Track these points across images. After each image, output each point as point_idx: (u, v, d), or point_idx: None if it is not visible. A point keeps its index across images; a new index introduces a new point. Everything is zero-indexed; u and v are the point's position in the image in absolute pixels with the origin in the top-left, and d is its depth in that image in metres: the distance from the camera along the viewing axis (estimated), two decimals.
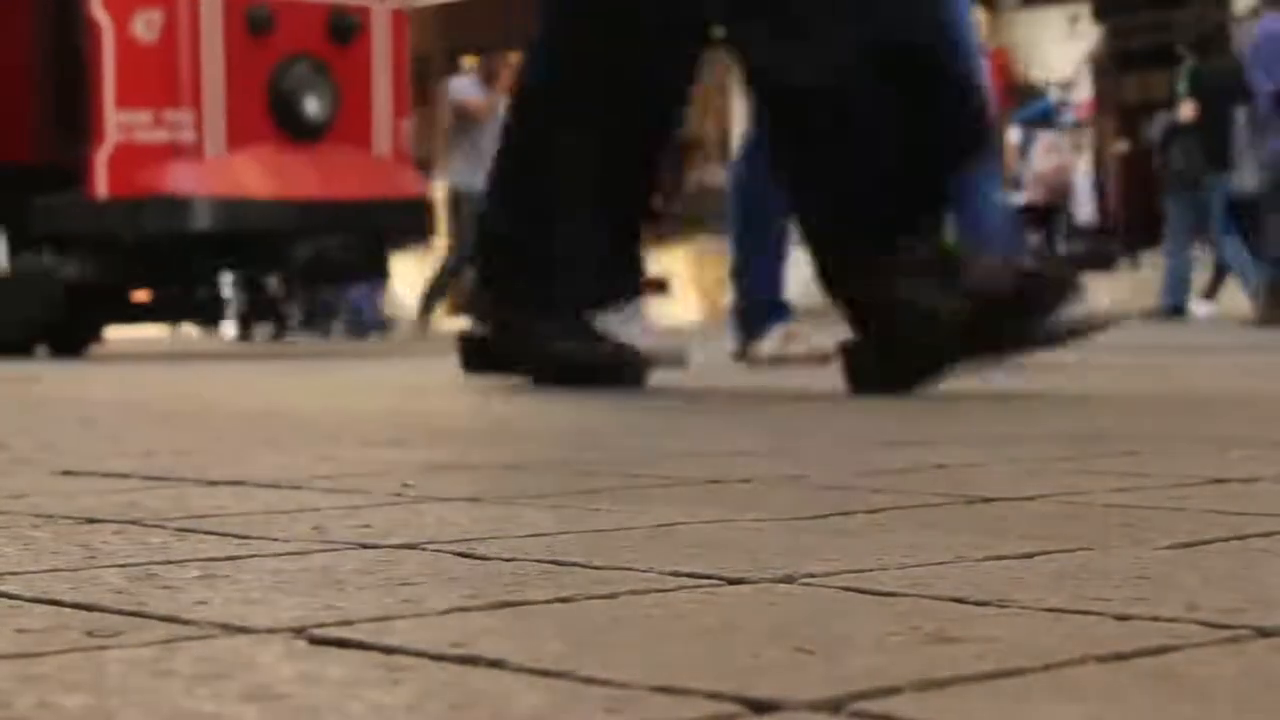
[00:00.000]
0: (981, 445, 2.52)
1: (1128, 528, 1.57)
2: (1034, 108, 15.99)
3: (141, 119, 8.97)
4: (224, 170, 8.88)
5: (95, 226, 9.05)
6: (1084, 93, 15.41)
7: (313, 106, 9.04)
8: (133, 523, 1.68)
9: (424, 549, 1.47)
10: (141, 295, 10.07)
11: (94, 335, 10.21)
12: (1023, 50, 15.31)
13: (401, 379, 5.65)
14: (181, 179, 8.87)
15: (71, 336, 9.90)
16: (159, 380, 5.83)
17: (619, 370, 4.27)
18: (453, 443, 2.72)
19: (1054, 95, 15.74)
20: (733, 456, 2.39)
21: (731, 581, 1.27)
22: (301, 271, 9.40)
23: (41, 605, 1.20)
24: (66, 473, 2.23)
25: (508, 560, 1.39)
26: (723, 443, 2.63)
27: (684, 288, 21.54)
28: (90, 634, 1.09)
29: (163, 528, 1.64)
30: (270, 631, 1.09)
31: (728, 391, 4.40)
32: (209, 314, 10.90)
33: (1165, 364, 5.62)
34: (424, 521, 1.67)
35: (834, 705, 0.87)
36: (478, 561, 1.39)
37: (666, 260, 22.31)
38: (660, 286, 22.46)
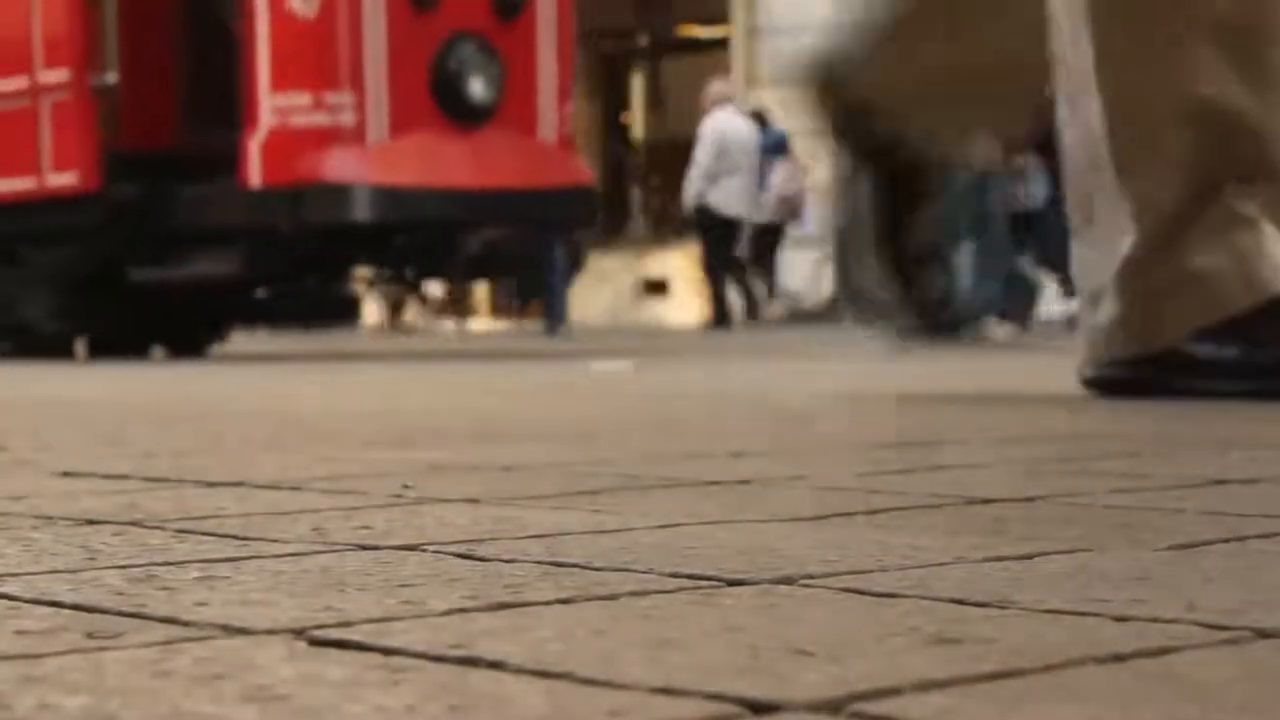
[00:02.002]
0: (981, 446, 2.52)
1: (1127, 529, 1.57)
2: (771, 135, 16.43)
3: (299, 102, 8.25)
4: (387, 157, 8.18)
5: (248, 218, 8.29)
6: None
7: (478, 88, 8.32)
8: (133, 524, 1.68)
9: (424, 550, 1.47)
10: (265, 292, 9.32)
11: (218, 336, 9.55)
12: None
13: (402, 379, 5.65)
14: (342, 166, 8.14)
15: (192, 336, 9.29)
16: (160, 380, 5.83)
17: None
18: (452, 443, 2.72)
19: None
20: (732, 457, 2.39)
21: (731, 583, 1.27)
22: (469, 267, 8.70)
23: (41, 606, 1.20)
24: (66, 474, 2.23)
25: (508, 561, 1.39)
26: (722, 443, 2.63)
27: (684, 289, 21.54)
28: (90, 635, 1.09)
29: (163, 529, 1.64)
30: (270, 633, 1.09)
31: (727, 393, 4.40)
32: (345, 313, 10.12)
33: None
34: (424, 522, 1.67)
35: (834, 706, 0.87)
36: (478, 563, 1.39)
37: (667, 262, 22.32)
38: (659, 288, 22.46)
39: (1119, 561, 1.37)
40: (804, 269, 16.91)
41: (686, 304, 20.55)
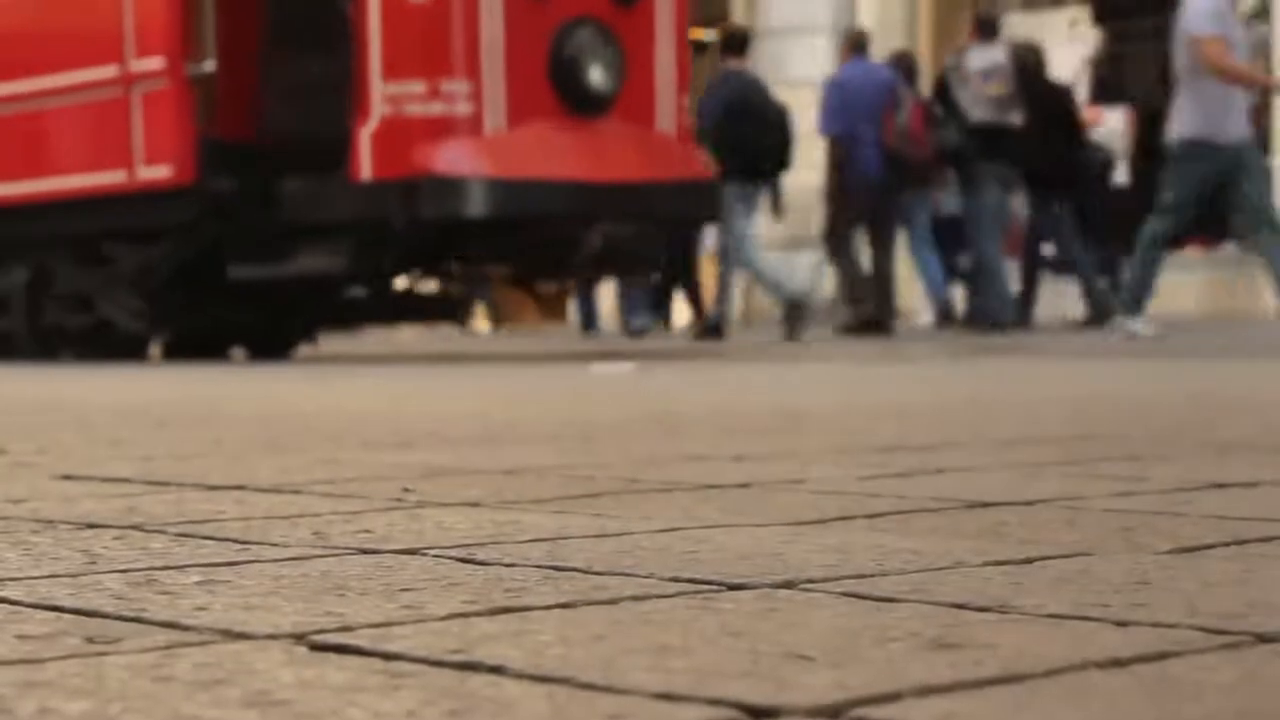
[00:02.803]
0: (981, 450, 2.52)
1: (1128, 532, 1.57)
2: None
3: (413, 90, 7.66)
4: (505, 148, 7.63)
5: (358, 211, 7.70)
6: (1083, 96, 15.43)
7: (597, 76, 7.77)
8: (133, 528, 1.68)
9: (424, 554, 1.47)
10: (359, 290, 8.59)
11: (305, 337, 9.03)
12: None
13: (403, 383, 5.65)
14: (458, 158, 7.56)
15: (279, 337, 8.81)
16: (161, 383, 5.83)
17: None
18: (453, 447, 2.72)
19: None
20: (733, 460, 2.39)
21: (731, 587, 1.27)
22: (590, 264, 8.12)
23: (42, 611, 1.20)
24: (66, 477, 2.23)
25: (508, 566, 1.39)
26: (721, 447, 2.63)
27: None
28: (91, 640, 1.09)
29: (163, 533, 1.64)
30: (270, 637, 1.09)
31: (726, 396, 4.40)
32: (444, 312, 9.48)
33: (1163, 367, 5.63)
34: (424, 527, 1.67)
35: (834, 711, 0.87)
36: (478, 567, 1.39)
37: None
38: None
39: (1119, 565, 1.37)
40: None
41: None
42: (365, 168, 7.65)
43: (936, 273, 11.51)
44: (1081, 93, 15.00)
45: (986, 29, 11.13)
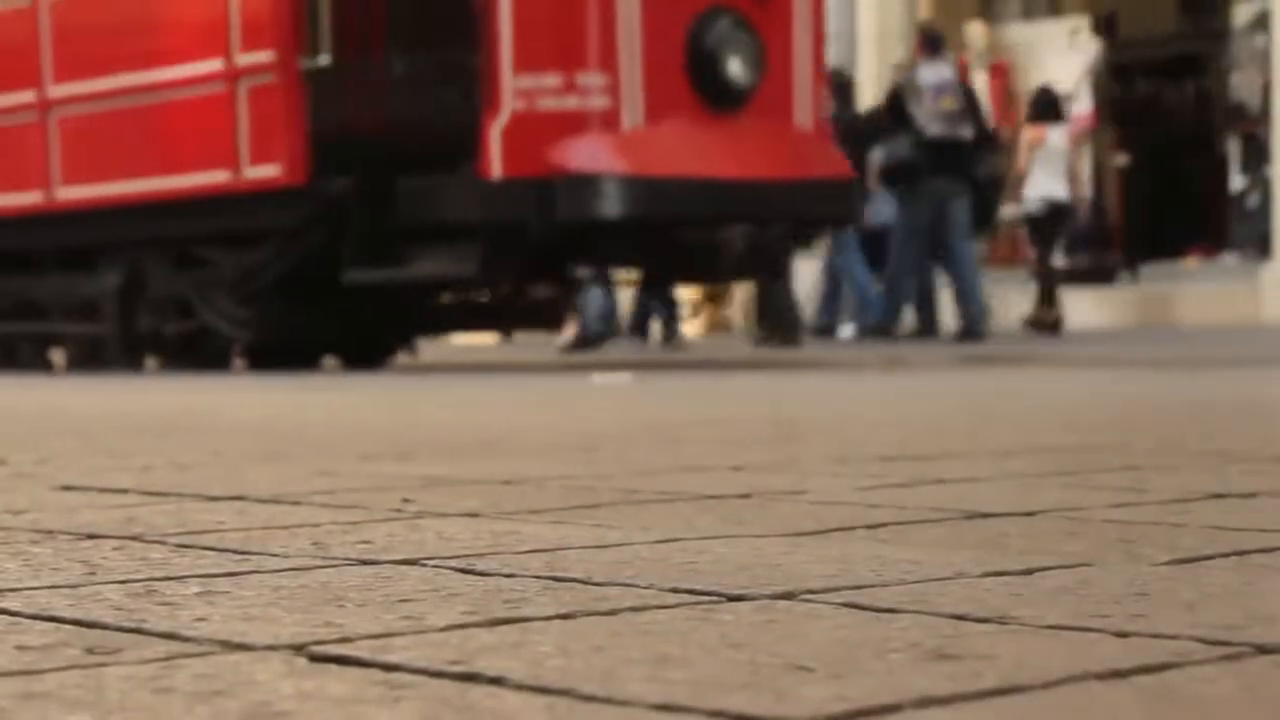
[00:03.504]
0: (980, 460, 2.52)
1: (1127, 543, 1.57)
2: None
3: (546, 83, 7.19)
4: (644, 144, 7.22)
5: (487, 213, 7.17)
6: (1084, 105, 15.42)
7: (736, 69, 7.35)
8: (133, 538, 1.68)
9: (424, 565, 1.47)
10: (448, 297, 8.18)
11: (401, 344, 8.54)
12: (1022, 62, 15.33)
13: (399, 393, 5.65)
14: (596, 155, 7.10)
15: (375, 346, 8.33)
16: (161, 392, 5.83)
17: None
18: (452, 457, 2.72)
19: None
20: (732, 471, 2.39)
21: (731, 598, 1.27)
22: (732, 267, 7.67)
23: (42, 622, 1.20)
24: (66, 488, 2.23)
25: (508, 576, 1.39)
26: (721, 458, 2.63)
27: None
28: (90, 651, 1.09)
29: (163, 543, 1.64)
30: (270, 648, 1.09)
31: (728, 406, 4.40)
32: (545, 319, 9.04)
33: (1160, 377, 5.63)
34: (424, 537, 1.67)
35: None
36: (478, 578, 1.39)
37: None
38: None
39: (1119, 576, 1.37)
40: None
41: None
42: (495, 165, 7.15)
43: (866, 282, 11.54)
44: (1085, 103, 15.00)
45: (933, 44, 11.20)
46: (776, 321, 10.74)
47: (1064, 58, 15.30)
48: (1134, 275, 14.60)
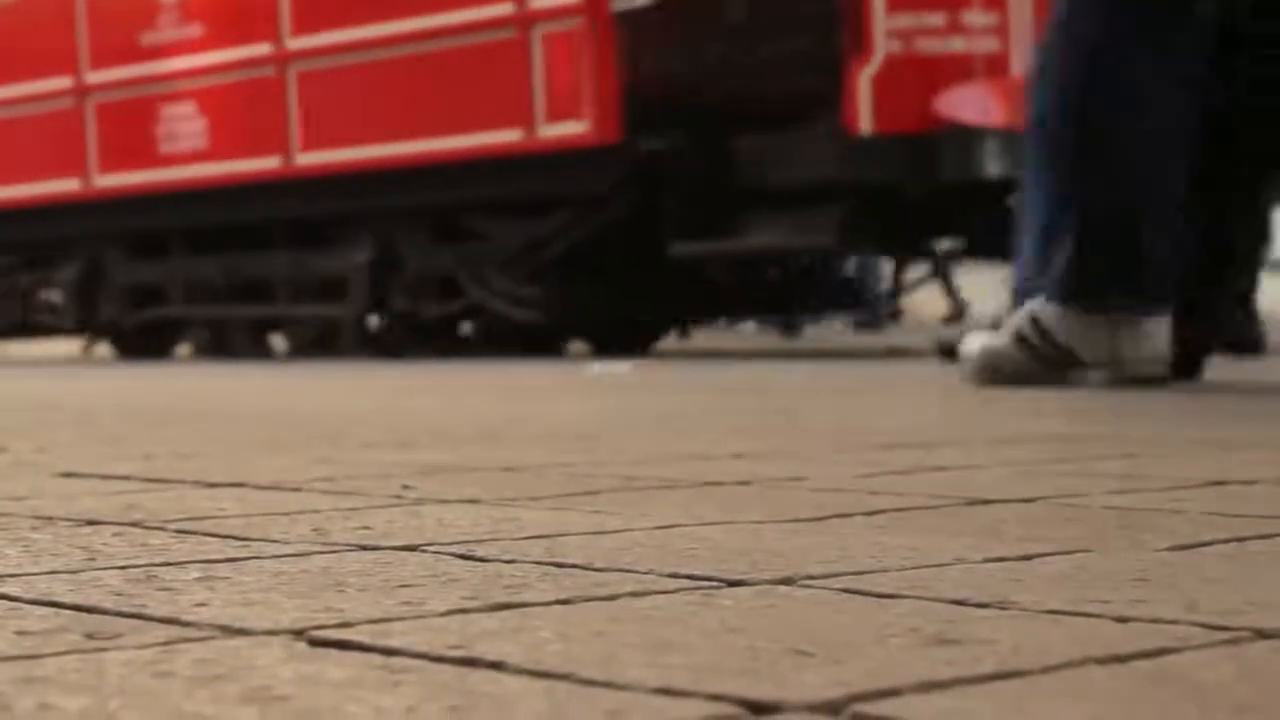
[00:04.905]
0: (979, 447, 2.52)
1: (1127, 529, 1.57)
2: None
3: (929, 23, 6.31)
4: None
5: (853, 173, 6.28)
6: None
7: None
8: (133, 525, 1.68)
9: (424, 551, 1.47)
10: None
11: (676, 327, 7.76)
12: None
13: (402, 382, 5.65)
14: (987, 107, 6.26)
15: (633, 328, 7.40)
16: (158, 380, 5.83)
17: None
18: (452, 444, 2.72)
19: None
20: (732, 458, 2.39)
21: (731, 583, 1.27)
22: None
23: (41, 607, 1.20)
24: (66, 474, 2.23)
25: (508, 562, 1.39)
26: (721, 444, 2.63)
27: None
28: (90, 636, 1.09)
29: (163, 529, 1.64)
30: (270, 633, 1.09)
31: (727, 395, 4.40)
32: (866, 301, 8.13)
33: None
34: (424, 523, 1.67)
35: (834, 707, 0.87)
36: (477, 563, 1.39)
37: None
38: None
39: (1118, 562, 1.37)
40: None
41: None
42: (865, 119, 6.28)
43: None
44: None
45: None
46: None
47: None
48: None
